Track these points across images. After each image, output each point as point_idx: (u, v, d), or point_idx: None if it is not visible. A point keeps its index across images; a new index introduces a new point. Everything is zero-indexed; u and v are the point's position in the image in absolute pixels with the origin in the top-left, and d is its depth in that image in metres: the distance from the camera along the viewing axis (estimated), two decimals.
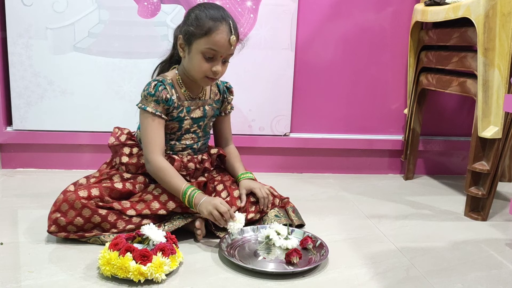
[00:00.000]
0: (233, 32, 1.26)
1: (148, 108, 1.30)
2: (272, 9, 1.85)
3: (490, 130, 1.47)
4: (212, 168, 1.46)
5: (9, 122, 1.85)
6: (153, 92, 1.29)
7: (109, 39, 1.80)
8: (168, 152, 1.38)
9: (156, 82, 1.31)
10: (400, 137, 2.03)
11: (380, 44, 1.96)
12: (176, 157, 1.36)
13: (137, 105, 1.32)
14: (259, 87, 1.90)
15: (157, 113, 1.30)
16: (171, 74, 1.36)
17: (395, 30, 1.95)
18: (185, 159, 1.37)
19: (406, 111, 1.97)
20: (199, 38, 1.26)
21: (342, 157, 2.02)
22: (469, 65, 1.54)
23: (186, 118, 1.36)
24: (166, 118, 1.33)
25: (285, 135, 1.96)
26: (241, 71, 1.88)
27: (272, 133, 1.95)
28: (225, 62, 1.31)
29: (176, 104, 1.34)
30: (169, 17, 1.81)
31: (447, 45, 1.70)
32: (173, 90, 1.33)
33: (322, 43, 1.93)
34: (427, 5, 1.73)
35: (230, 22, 1.27)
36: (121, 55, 1.82)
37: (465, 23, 1.53)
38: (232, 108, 1.50)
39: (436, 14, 1.65)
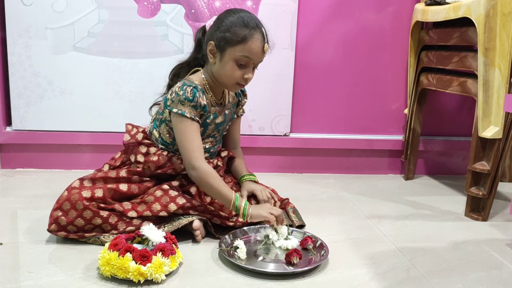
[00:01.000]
0: (266, 39, 1.27)
1: (186, 114, 1.28)
2: (272, 9, 1.85)
3: (491, 130, 1.46)
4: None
5: (8, 122, 1.85)
6: (191, 97, 1.28)
7: (108, 39, 1.80)
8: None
9: (192, 87, 1.29)
10: (400, 137, 2.03)
11: (380, 44, 1.96)
12: None
13: (171, 109, 1.29)
14: (259, 87, 1.90)
15: (196, 118, 1.29)
16: (198, 79, 1.34)
17: (395, 30, 1.95)
18: None
19: (406, 111, 1.97)
20: (234, 46, 1.25)
21: (342, 157, 2.02)
22: (469, 65, 1.54)
23: (211, 123, 1.37)
24: (201, 123, 1.33)
25: (285, 135, 1.96)
26: None
27: (272, 133, 1.95)
28: (254, 68, 1.32)
29: (208, 110, 1.34)
30: (169, 17, 1.81)
31: (447, 45, 1.70)
32: (204, 96, 1.33)
33: (322, 43, 1.93)
34: (427, 4, 1.73)
35: (263, 29, 1.28)
36: (121, 55, 1.81)
37: (465, 23, 1.52)
38: (243, 111, 1.51)
39: (437, 14, 1.65)
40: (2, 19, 1.77)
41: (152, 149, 1.36)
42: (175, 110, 1.28)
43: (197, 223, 1.25)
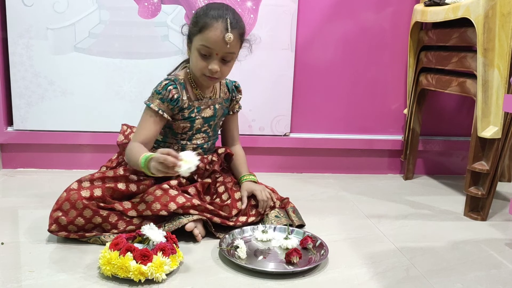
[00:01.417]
0: (229, 29, 1.25)
1: (152, 105, 1.31)
2: (272, 10, 1.85)
3: (490, 130, 1.47)
4: (219, 170, 1.46)
5: (9, 122, 1.85)
6: (160, 90, 1.31)
7: (109, 39, 1.80)
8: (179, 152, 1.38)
9: (167, 81, 1.32)
10: (399, 137, 2.03)
11: (380, 44, 1.96)
12: None
13: (144, 101, 1.33)
14: (259, 87, 1.91)
15: (160, 111, 1.30)
16: (183, 73, 1.37)
17: (395, 30, 1.96)
18: None
19: (405, 111, 1.97)
20: (195, 35, 1.27)
21: (342, 157, 2.02)
22: (468, 65, 1.54)
23: (197, 117, 1.37)
24: (169, 118, 1.33)
25: (285, 135, 1.96)
26: (241, 71, 1.88)
27: (272, 133, 1.95)
28: (226, 61, 1.30)
29: (186, 104, 1.34)
30: (170, 18, 1.81)
31: (446, 45, 1.70)
32: (184, 91, 1.34)
33: (322, 43, 1.93)
34: (426, 5, 1.74)
35: (228, 19, 1.25)
36: (122, 55, 1.82)
37: (464, 23, 1.53)
38: (240, 107, 1.51)
39: (436, 14, 1.65)
40: (3, 19, 1.77)
41: None
42: (145, 101, 1.33)
43: (190, 225, 1.25)
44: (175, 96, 1.31)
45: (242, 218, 1.34)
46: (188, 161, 1.11)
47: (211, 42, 1.25)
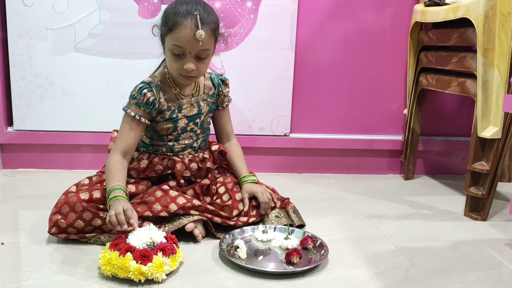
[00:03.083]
0: (200, 26, 1.19)
1: (128, 111, 1.29)
2: (272, 10, 1.85)
3: (490, 130, 1.47)
4: (214, 167, 1.44)
5: (9, 122, 1.85)
6: (134, 95, 1.29)
7: (109, 39, 1.81)
8: (168, 154, 1.36)
9: (142, 85, 1.29)
10: (399, 137, 2.03)
11: (380, 45, 1.96)
12: (177, 158, 1.35)
13: (122, 107, 1.31)
14: (259, 88, 1.91)
15: (136, 116, 1.28)
16: (161, 75, 1.34)
17: (395, 31, 1.96)
18: (186, 160, 1.37)
19: (405, 111, 1.97)
20: (166, 35, 1.24)
21: (342, 157, 2.02)
22: (468, 66, 1.54)
23: (179, 117, 1.34)
24: (148, 122, 1.30)
25: (285, 135, 1.97)
26: (241, 71, 1.88)
27: (272, 133, 1.95)
28: (200, 58, 1.25)
29: (165, 106, 1.32)
30: None
31: (446, 46, 1.70)
32: (161, 92, 1.31)
33: (322, 43, 1.93)
34: (426, 5, 1.74)
35: (198, 16, 1.19)
36: (122, 55, 1.82)
37: (464, 23, 1.53)
38: (230, 100, 1.46)
39: (436, 14, 1.65)
40: (3, 19, 1.77)
41: (135, 154, 1.36)
42: (123, 107, 1.31)
43: (190, 226, 1.24)
44: (151, 99, 1.28)
45: (243, 218, 1.34)
46: (138, 238, 1.09)
47: (182, 42, 1.21)
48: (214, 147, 1.44)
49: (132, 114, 1.28)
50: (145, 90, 1.28)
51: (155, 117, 1.32)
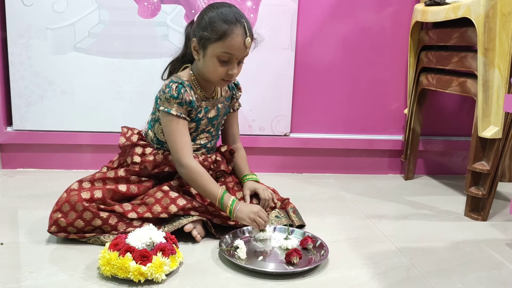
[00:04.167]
0: (247, 33, 1.25)
1: (172, 111, 1.28)
2: (272, 9, 1.85)
3: (490, 130, 1.47)
4: (229, 170, 1.45)
5: (9, 122, 1.85)
6: (176, 94, 1.28)
7: (109, 39, 1.80)
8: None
9: (177, 84, 1.29)
10: (400, 137, 2.03)
11: (380, 44, 1.96)
12: None
13: (158, 108, 1.30)
14: (259, 87, 1.90)
15: (182, 115, 1.29)
16: (186, 75, 1.34)
17: (395, 30, 1.95)
18: (200, 159, 1.37)
19: (406, 111, 1.97)
20: (214, 43, 1.24)
21: (342, 157, 2.02)
22: (469, 65, 1.54)
23: (203, 118, 1.36)
24: (189, 120, 1.33)
25: (285, 135, 1.96)
26: (241, 71, 1.87)
27: (272, 133, 1.95)
28: (239, 63, 1.30)
29: (195, 106, 1.33)
30: (169, 17, 1.81)
31: (447, 45, 1.70)
32: (192, 92, 1.33)
33: (322, 43, 1.93)
34: (427, 5, 1.73)
35: (245, 23, 1.25)
36: (121, 55, 1.82)
37: (465, 23, 1.53)
38: (239, 105, 1.50)
39: (436, 14, 1.65)
40: (2, 19, 1.77)
41: (148, 150, 1.36)
42: (161, 108, 1.29)
43: (189, 226, 1.25)
44: (191, 98, 1.30)
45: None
46: (138, 238, 1.10)
47: (233, 49, 1.24)
48: (223, 148, 1.46)
49: (177, 113, 1.28)
50: (183, 90, 1.29)
51: (188, 116, 1.33)
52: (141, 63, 1.83)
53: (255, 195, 1.42)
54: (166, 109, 1.28)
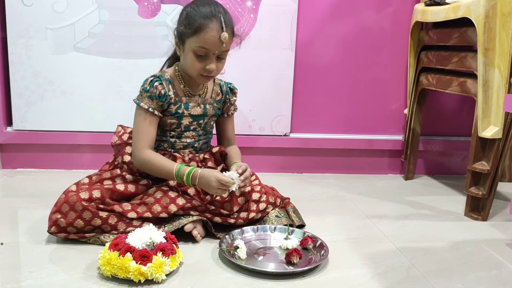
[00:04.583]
0: (224, 28, 1.24)
1: (142, 104, 1.31)
2: (272, 9, 1.85)
3: (490, 130, 1.47)
4: (217, 168, 1.43)
5: (9, 122, 1.85)
6: (147, 88, 1.30)
7: (109, 39, 1.80)
8: (170, 150, 1.38)
9: (152, 77, 1.32)
10: (400, 137, 2.03)
11: (380, 44, 1.96)
12: (177, 155, 1.36)
13: (133, 100, 1.33)
14: (259, 87, 1.90)
15: (150, 109, 1.30)
16: (171, 70, 1.37)
17: (395, 30, 1.95)
18: (186, 158, 1.37)
19: (406, 111, 1.97)
20: (190, 37, 1.26)
21: (342, 157, 2.02)
22: (469, 65, 1.54)
23: (185, 114, 1.36)
24: (160, 115, 1.33)
25: (285, 135, 1.96)
26: (241, 71, 1.88)
27: (272, 133, 1.95)
28: (220, 59, 1.30)
29: (173, 100, 1.34)
30: (169, 17, 1.81)
31: (447, 45, 1.70)
32: (170, 86, 1.34)
33: (322, 43, 1.93)
34: (427, 5, 1.73)
35: (222, 18, 1.25)
36: (121, 55, 1.82)
37: (465, 23, 1.53)
38: (235, 109, 1.49)
39: (436, 14, 1.65)
40: (2, 19, 1.77)
41: None
42: (135, 100, 1.32)
43: (189, 226, 1.24)
44: (162, 92, 1.31)
45: (243, 214, 1.33)
46: (138, 238, 1.11)
47: (208, 44, 1.25)
48: (215, 149, 1.45)
49: (146, 107, 1.30)
50: (156, 83, 1.31)
51: (164, 111, 1.34)
52: (141, 63, 1.83)
53: (252, 193, 1.37)
54: (137, 101, 1.32)
